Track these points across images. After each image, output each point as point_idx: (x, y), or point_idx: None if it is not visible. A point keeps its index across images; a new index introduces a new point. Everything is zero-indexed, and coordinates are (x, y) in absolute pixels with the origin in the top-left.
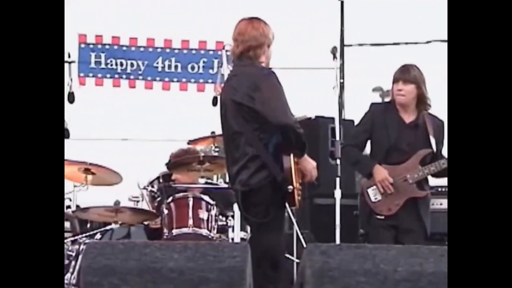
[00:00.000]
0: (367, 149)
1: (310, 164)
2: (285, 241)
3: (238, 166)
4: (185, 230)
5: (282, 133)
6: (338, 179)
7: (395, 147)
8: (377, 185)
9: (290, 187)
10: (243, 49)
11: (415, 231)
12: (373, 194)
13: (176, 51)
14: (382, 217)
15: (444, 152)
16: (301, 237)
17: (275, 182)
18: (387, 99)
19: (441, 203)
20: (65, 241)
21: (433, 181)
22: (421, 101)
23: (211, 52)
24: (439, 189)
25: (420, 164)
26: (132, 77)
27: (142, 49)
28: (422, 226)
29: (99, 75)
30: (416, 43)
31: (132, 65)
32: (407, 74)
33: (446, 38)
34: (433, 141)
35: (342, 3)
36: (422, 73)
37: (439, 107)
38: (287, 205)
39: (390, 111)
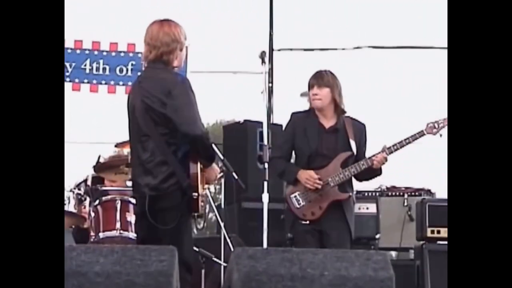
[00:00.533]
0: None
1: (214, 173)
2: (213, 244)
3: (145, 168)
4: (112, 233)
5: (190, 143)
6: (266, 183)
7: (316, 152)
8: (306, 186)
9: (195, 194)
10: (155, 55)
11: (339, 233)
12: (296, 200)
13: (105, 53)
14: (307, 222)
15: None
16: (228, 240)
17: (181, 188)
18: None
19: (368, 207)
20: None
21: (360, 186)
22: (338, 105)
23: (139, 55)
24: (366, 194)
25: (341, 167)
26: None
27: (69, 50)
28: (347, 228)
29: None
30: (344, 49)
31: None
32: (320, 79)
33: (375, 44)
34: (353, 144)
35: (271, 8)
36: (336, 77)
37: (367, 109)
38: (215, 209)
39: (310, 118)
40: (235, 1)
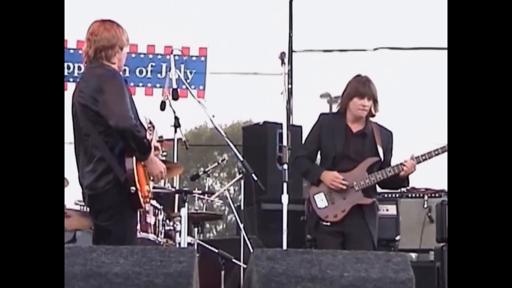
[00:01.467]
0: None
1: (156, 168)
2: (232, 246)
3: (87, 169)
4: None
5: (121, 137)
6: (285, 184)
7: (342, 155)
8: (331, 186)
9: (133, 188)
10: (95, 48)
11: (361, 238)
12: (320, 200)
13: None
14: (328, 224)
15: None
16: (248, 242)
17: (120, 184)
18: (334, 105)
19: (387, 209)
20: None
21: (379, 188)
22: (370, 112)
23: (159, 57)
24: (385, 195)
25: (367, 172)
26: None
27: None
28: (368, 233)
29: None
30: (364, 50)
31: (79, 68)
32: (369, 90)
33: (393, 46)
34: (380, 150)
35: (290, 9)
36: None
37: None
38: (234, 211)
39: (337, 120)
40: (255, 4)
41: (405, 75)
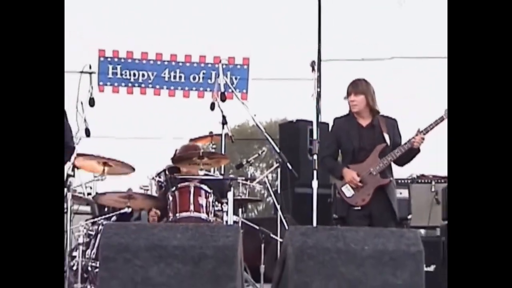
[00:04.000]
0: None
1: None
2: (270, 224)
3: None
4: (187, 214)
5: None
6: (315, 172)
7: (359, 148)
8: (350, 184)
9: None
10: None
11: (384, 214)
12: (347, 191)
13: (180, 64)
14: (359, 208)
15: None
16: (283, 220)
17: None
18: None
19: (401, 193)
20: (86, 222)
21: (395, 174)
22: (372, 107)
23: (209, 65)
24: (399, 181)
25: (379, 157)
26: (143, 85)
27: (151, 62)
28: (391, 210)
29: (116, 84)
30: (381, 59)
31: (143, 75)
32: (355, 87)
33: (409, 55)
34: (387, 136)
35: (319, 24)
36: (369, 84)
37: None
38: (272, 194)
39: (349, 120)
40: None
41: (418, 83)
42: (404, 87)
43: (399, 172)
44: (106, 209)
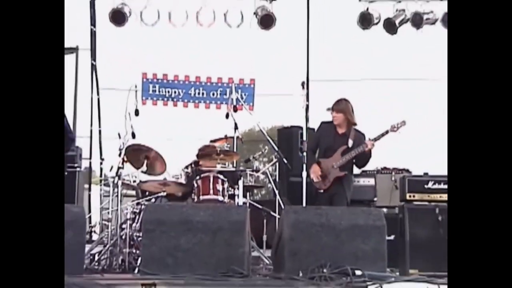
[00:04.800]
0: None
1: None
2: (271, 204)
3: None
4: (208, 196)
5: None
6: (304, 165)
7: (330, 148)
8: (312, 175)
9: None
10: None
11: (340, 198)
12: (315, 179)
13: (203, 83)
14: (322, 191)
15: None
16: (281, 202)
17: None
18: None
19: (369, 181)
20: (132, 203)
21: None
22: (350, 120)
23: (225, 85)
24: (368, 172)
25: (341, 155)
26: (175, 100)
27: (181, 82)
28: (345, 195)
29: (154, 99)
30: (354, 80)
31: (175, 92)
32: (337, 105)
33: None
34: (351, 142)
35: (308, 50)
36: (349, 102)
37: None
38: (272, 182)
39: (331, 126)
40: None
41: (381, 100)
42: (370, 103)
43: (368, 165)
44: (147, 193)
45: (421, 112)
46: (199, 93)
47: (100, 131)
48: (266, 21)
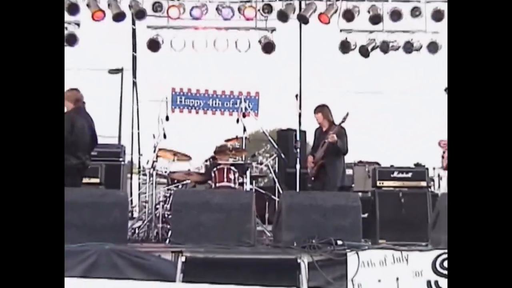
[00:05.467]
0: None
1: None
2: (272, 190)
3: None
4: (222, 184)
5: None
6: (298, 159)
7: (318, 143)
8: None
9: None
10: None
11: (325, 182)
12: (309, 168)
13: (219, 95)
14: (313, 178)
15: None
16: (279, 188)
17: None
18: None
19: (348, 171)
20: (164, 189)
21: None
22: (329, 120)
23: (236, 96)
24: (348, 164)
25: (321, 147)
26: (197, 109)
27: (202, 95)
28: (329, 180)
29: (181, 108)
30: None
31: (197, 102)
32: (316, 109)
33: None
34: (333, 137)
35: (300, 65)
36: (326, 106)
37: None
38: (272, 172)
39: (319, 128)
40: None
41: (363, 113)
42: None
43: (347, 159)
44: (175, 181)
45: (391, 118)
46: (216, 103)
47: (139, 133)
48: (268, 47)
